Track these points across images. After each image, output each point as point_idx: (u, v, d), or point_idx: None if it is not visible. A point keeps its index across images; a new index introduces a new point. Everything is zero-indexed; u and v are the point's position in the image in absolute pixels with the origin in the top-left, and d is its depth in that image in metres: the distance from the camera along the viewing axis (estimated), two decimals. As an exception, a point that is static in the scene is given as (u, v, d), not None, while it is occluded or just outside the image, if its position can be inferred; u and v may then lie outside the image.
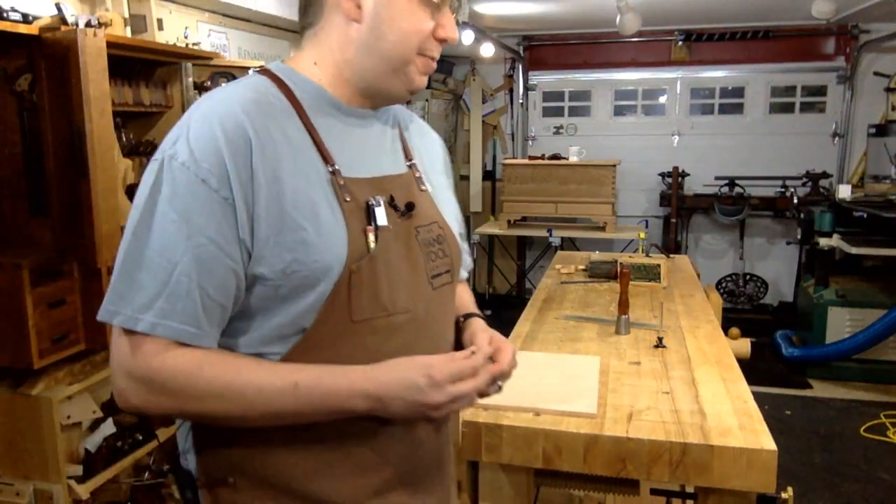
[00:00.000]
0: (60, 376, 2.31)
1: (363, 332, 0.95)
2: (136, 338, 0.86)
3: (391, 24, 0.95)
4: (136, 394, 0.88)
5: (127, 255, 0.86)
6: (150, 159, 0.90)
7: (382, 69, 0.98)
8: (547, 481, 1.58)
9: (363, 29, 0.95)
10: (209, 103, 0.92)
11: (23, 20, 2.03)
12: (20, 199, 2.24)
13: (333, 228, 0.92)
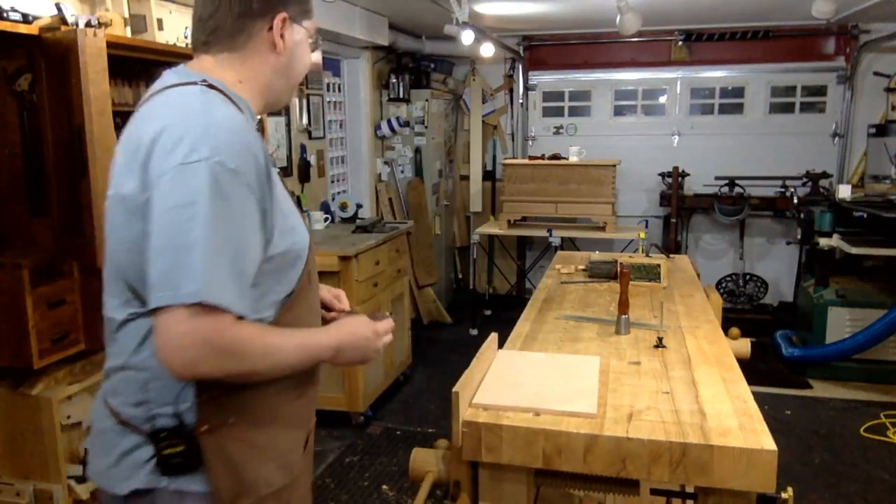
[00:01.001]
0: (60, 376, 2.31)
1: (312, 291, 1.32)
2: (215, 313, 1.02)
3: (300, 58, 1.28)
4: (207, 360, 1.04)
5: (196, 243, 1.02)
6: (183, 162, 1.04)
7: (288, 89, 1.30)
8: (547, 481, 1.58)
9: (282, 59, 1.25)
10: (221, 115, 1.12)
11: (23, 20, 2.03)
12: (20, 199, 2.24)
13: (298, 216, 1.25)
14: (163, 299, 1.01)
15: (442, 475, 1.58)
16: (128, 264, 1.13)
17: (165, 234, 1.03)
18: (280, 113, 4.05)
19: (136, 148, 1.11)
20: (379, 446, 3.61)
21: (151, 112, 1.15)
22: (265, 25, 1.21)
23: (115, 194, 1.17)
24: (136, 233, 1.09)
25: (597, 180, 5.21)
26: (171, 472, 1.13)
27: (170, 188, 1.04)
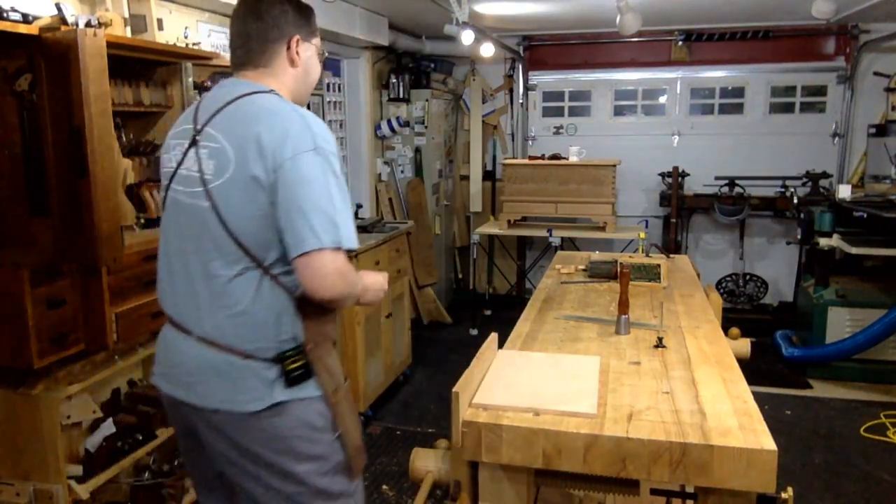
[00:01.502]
0: (60, 376, 2.31)
1: None
2: (341, 253, 1.43)
3: (313, 67, 1.69)
4: (340, 287, 1.44)
5: (329, 206, 1.42)
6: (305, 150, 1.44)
7: (306, 92, 1.70)
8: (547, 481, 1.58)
9: (299, 71, 1.64)
10: (311, 117, 1.50)
11: (23, 20, 2.03)
12: (20, 199, 2.24)
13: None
14: (313, 245, 1.39)
15: (442, 475, 1.58)
16: (246, 230, 1.45)
17: (302, 201, 1.40)
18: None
19: (258, 142, 1.43)
20: (379, 446, 3.61)
21: (257, 113, 1.49)
22: (283, 47, 1.60)
23: (235, 176, 1.45)
24: (260, 205, 1.43)
25: (597, 180, 5.20)
26: (293, 383, 1.50)
27: (297, 169, 1.41)
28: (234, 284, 1.47)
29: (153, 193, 2.75)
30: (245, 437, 1.50)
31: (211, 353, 1.50)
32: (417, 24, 5.29)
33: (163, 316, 1.61)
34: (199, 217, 1.49)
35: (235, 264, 1.47)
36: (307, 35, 1.66)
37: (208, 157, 1.48)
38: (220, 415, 1.50)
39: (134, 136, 2.74)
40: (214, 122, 1.51)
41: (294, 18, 1.62)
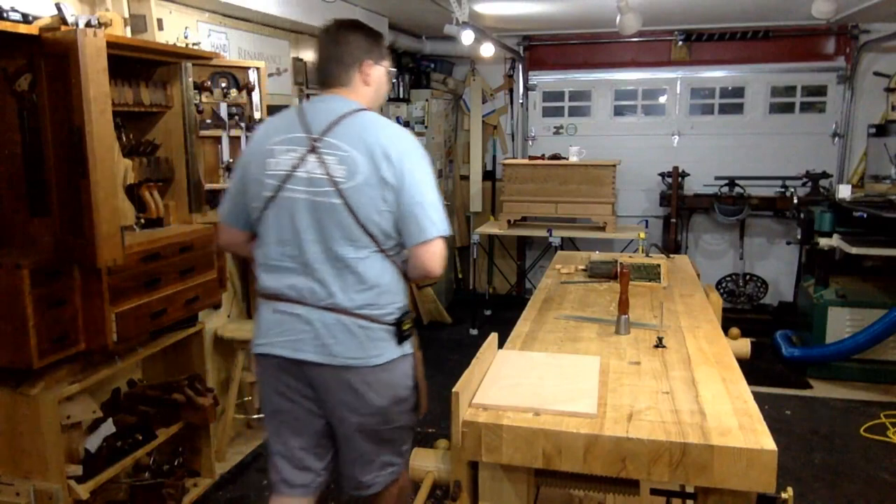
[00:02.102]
0: (60, 376, 2.31)
1: None
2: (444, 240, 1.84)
3: (382, 86, 1.99)
4: (443, 265, 1.85)
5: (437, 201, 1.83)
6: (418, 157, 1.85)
7: (376, 108, 1.96)
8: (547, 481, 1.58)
9: (371, 90, 1.95)
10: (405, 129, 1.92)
11: (23, 20, 2.03)
12: (20, 199, 2.24)
13: None
14: (433, 234, 1.80)
15: (442, 475, 1.58)
16: (373, 222, 1.80)
17: (421, 198, 1.79)
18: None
19: (386, 152, 1.78)
20: (379, 446, 3.61)
21: (368, 128, 1.82)
22: (356, 70, 1.91)
23: (368, 179, 1.78)
24: (388, 203, 1.79)
25: (597, 180, 5.20)
26: (403, 341, 1.89)
27: (414, 172, 1.80)
28: (364, 264, 1.82)
29: (153, 193, 2.75)
30: (364, 386, 1.85)
31: (344, 319, 1.82)
32: (417, 24, 5.29)
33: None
34: (326, 212, 1.80)
35: (363, 249, 1.81)
36: (377, 58, 1.95)
37: (338, 163, 1.79)
38: (349, 369, 1.84)
39: (134, 136, 2.74)
40: (335, 132, 1.81)
41: (365, 45, 1.94)
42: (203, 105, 2.93)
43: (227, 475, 3.31)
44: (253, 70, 3.08)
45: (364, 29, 1.97)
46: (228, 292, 3.51)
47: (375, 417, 1.89)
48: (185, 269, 2.68)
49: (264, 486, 3.24)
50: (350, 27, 1.97)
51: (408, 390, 1.94)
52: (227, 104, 3.01)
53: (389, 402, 1.89)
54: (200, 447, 3.07)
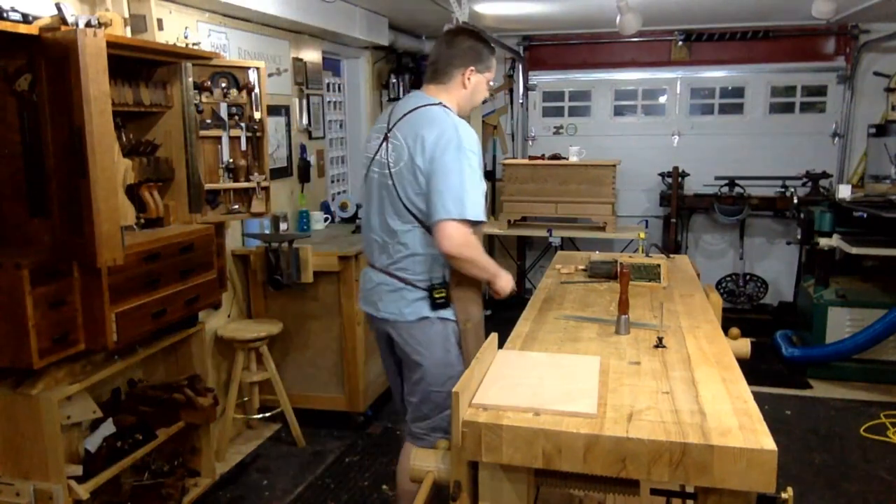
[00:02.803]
0: (60, 376, 2.31)
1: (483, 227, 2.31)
2: (463, 224, 2.07)
3: (478, 92, 2.29)
4: (463, 249, 2.10)
5: (460, 189, 2.06)
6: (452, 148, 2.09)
7: (468, 108, 2.31)
8: (547, 481, 1.58)
9: (467, 92, 2.26)
10: (462, 125, 2.14)
11: (23, 20, 2.03)
12: (20, 199, 2.24)
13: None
14: (443, 216, 2.05)
15: (442, 475, 1.58)
16: (412, 202, 2.14)
17: (447, 184, 2.05)
18: (280, 113, 4.05)
19: (423, 142, 2.10)
20: (379, 446, 3.61)
21: (425, 121, 2.14)
22: (460, 73, 2.23)
23: (407, 165, 2.13)
24: (421, 186, 2.11)
25: (597, 180, 5.20)
26: (437, 307, 2.21)
27: (443, 162, 2.07)
28: (407, 236, 2.19)
29: (153, 193, 2.75)
30: (404, 336, 2.24)
31: (388, 279, 2.24)
32: (417, 24, 5.29)
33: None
34: (386, 190, 2.20)
35: (407, 223, 2.18)
36: (481, 69, 2.26)
37: (392, 150, 2.18)
38: (388, 322, 2.26)
39: (134, 136, 2.74)
40: (399, 125, 2.18)
41: (474, 54, 2.24)
42: (203, 105, 2.93)
43: (227, 475, 3.31)
44: (253, 70, 3.08)
45: (479, 40, 2.27)
46: (228, 292, 3.51)
47: (418, 372, 2.24)
48: (185, 269, 2.68)
49: (264, 485, 3.24)
50: (468, 34, 2.29)
51: (448, 355, 2.23)
52: (227, 104, 3.01)
53: (429, 363, 2.22)
54: (200, 447, 3.07)
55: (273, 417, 3.73)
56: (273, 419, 3.76)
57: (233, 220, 3.31)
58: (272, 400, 3.64)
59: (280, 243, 3.50)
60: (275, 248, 3.49)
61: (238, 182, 3.07)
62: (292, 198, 4.27)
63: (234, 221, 3.52)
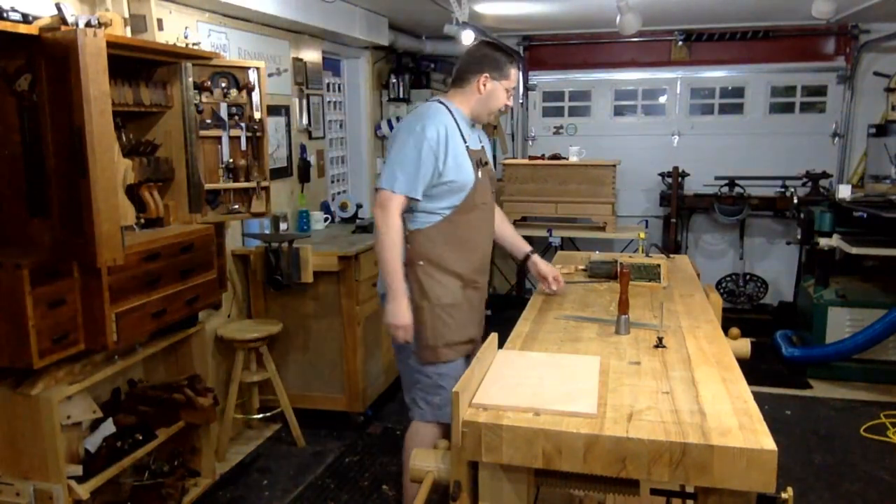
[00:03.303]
0: (60, 376, 2.31)
1: (476, 215, 2.44)
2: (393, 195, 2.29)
3: (494, 99, 2.42)
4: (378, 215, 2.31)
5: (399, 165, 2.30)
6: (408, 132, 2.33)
7: (483, 114, 2.48)
8: (547, 481, 1.58)
9: (482, 98, 2.42)
10: (431, 118, 2.33)
11: (23, 20, 2.03)
12: (20, 199, 2.24)
13: (468, 167, 2.37)
14: (378, 184, 2.32)
15: (442, 475, 1.58)
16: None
17: (389, 157, 2.33)
18: (280, 113, 4.05)
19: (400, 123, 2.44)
20: (379, 446, 3.61)
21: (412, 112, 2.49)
22: (477, 79, 2.39)
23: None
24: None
25: (597, 180, 5.20)
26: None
27: (395, 140, 2.34)
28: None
29: (153, 193, 2.75)
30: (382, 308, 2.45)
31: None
32: (417, 24, 5.29)
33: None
34: None
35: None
36: (497, 77, 2.38)
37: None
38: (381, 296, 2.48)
39: (134, 136, 2.74)
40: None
41: (490, 62, 2.39)
42: (203, 105, 2.93)
43: (227, 475, 3.31)
44: (253, 70, 3.08)
45: (498, 50, 2.44)
46: (228, 292, 3.51)
47: (395, 347, 2.50)
48: (185, 269, 2.68)
49: (264, 485, 3.24)
50: (487, 45, 2.51)
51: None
52: (227, 104, 3.01)
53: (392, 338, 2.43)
54: (200, 447, 3.07)
55: (273, 417, 3.73)
56: (273, 419, 3.76)
57: (233, 220, 3.31)
58: (272, 400, 3.64)
59: (280, 243, 3.50)
60: (275, 248, 3.49)
61: (238, 182, 3.06)
62: (292, 198, 4.27)
63: (234, 221, 3.51)
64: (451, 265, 2.40)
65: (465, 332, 2.46)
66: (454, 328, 2.42)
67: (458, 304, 2.42)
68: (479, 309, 2.55)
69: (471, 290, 2.48)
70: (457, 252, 2.40)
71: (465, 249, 2.43)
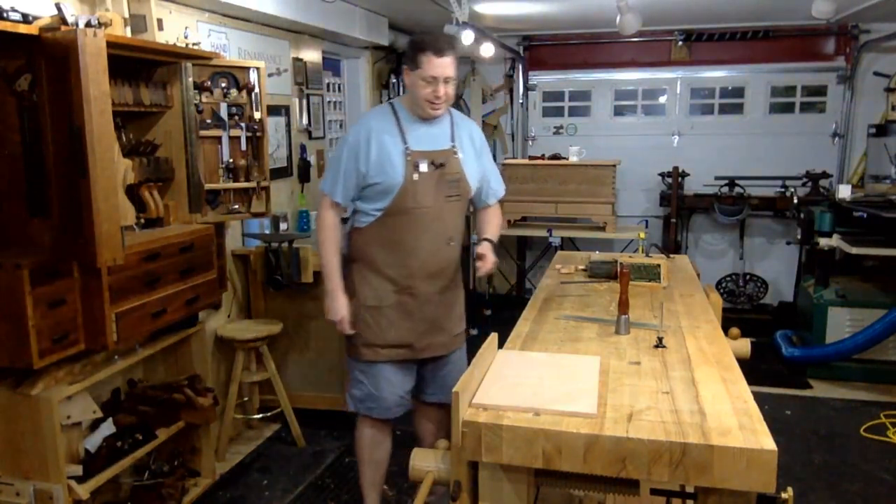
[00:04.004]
0: (60, 376, 2.31)
1: (410, 217, 2.36)
2: (325, 197, 2.42)
3: (416, 92, 2.34)
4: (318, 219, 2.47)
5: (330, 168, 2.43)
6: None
7: (417, 107, 2.39)
8: (547, 481, 1.58)
9: (410, 91, 2.39)
10: (360, 121, 2.50)
11: (23, 20, 2.03)
12: (20, 199, 2.24)
13: (395, 169, 2.33)
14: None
15: (442, 475, 1.58)
16: None
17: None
18: (280, 113, 4.05)
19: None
20: (379, 446, 3.61)
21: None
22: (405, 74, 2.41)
23: None
24: None
25: (597, 180, 5.20)
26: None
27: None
28: None
29: (153, 193, 2.75)
30: None
31: None
32: (417, 24, 5.28)
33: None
34: None
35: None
36: (411, 67, 2.33)
37: None
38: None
39: (134, 136, 2.74)
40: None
41: (407, 56, 2.37)
42: (203, 105, 2.93)
43: (227, 475, 3.31)
44: (253, 70, 3.08)
45: (413, 42, 2.36)
46: (228, 292, 3.51)
47: None
48: (185, 269, 2.68)
49: (264, 485, 3.24)
50: (411, 40, 2.43)
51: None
52: (227, 104, 3.01)
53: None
54: (200, 447, 3.07)
55: (273, 417, 3.73)
56: (273, 419, 3.76)
57: (233, 220, 3.31)
58: (272, 400, 3.63)
59: (280, 243, 3.50)
60: (275, 248, 3.49)
61: (238, 182, 3.07)
62: (292, 198, 4.27)
63: (234, 221, 3.51)
64: (383, 267, 2.40)
65: (388, 336, 2.44)
66: (375, 331, 2.44)
67: (384, 308, 2.42)
68: (420, 317, 2.46)
69: (406, 297, 2.42)
70: (390, 255, 2.39)
71: (399, 253, 2.38)
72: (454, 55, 2.33)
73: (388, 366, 2.49)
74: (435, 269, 2.43)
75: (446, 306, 2.51)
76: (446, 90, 2.32)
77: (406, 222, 2.36)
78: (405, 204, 2.34)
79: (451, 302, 2.54)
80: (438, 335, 2.50)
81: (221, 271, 3.04)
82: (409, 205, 2.35)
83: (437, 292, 2.45)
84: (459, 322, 2.60)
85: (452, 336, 2.56)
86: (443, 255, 2.44)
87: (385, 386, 2.51)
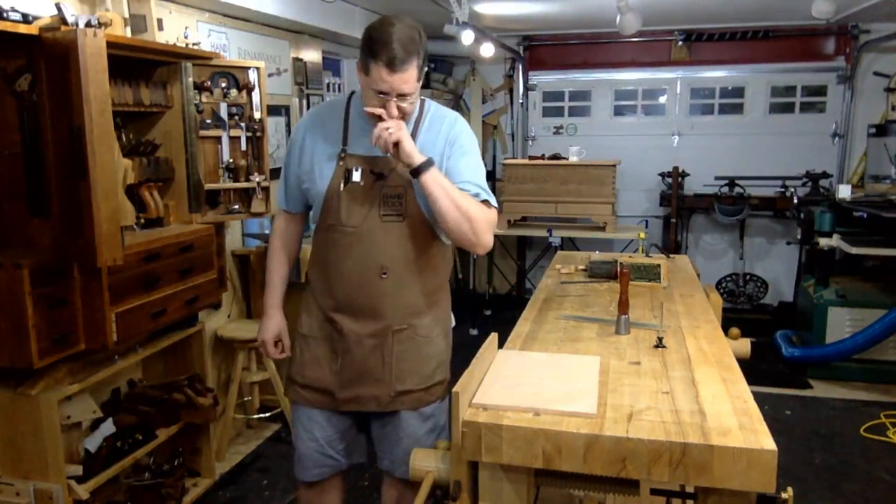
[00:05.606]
0: (60, 376, 2.31)
1: (338, 232, 1.91)
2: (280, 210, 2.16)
3: (363, 84, 1.83)
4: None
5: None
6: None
7: (365, 99, 1.86)
8: (547, 481, 1.58)
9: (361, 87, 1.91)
10: (320, 104, 2.49)
11: (23, 20, 2.03)
12: (20, 199, 2.24)
13: (321, 175, 1.92)
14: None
15: (442, 475, 1.58)
16: None
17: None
18: (280, 113, 4.05)
19: None
20: (379, 446, 3.61)
21: None
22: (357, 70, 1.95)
23: None
24: None
25: (597, 180, 5.20)
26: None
27: None
28: None
29: (153, 193, 2.75)
30: None
31: None
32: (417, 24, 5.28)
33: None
34: None
35: None
36: (361, 67, 1.83)
37: None
38: None
39: (134, 136, 2.74)
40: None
41: (361, 47, 1.86)
42: (203, 105, 2.93)
43: (227, 475, 3.31)
44: (253, 70, 3.08)
45: (368, 37, 1.80)
46: (228, 292, 3.51)
47: None
48: (185, 269, 2.68)
49: (264, 485, 3.24)
50: (370, 27, 1.91)
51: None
52: (227, 104, 3.01)
53: None
54: (200, 447, 3.07)
55: (273, 417, 3.73)
56: (273, 419, 3.76)
57: (233, 220, 3.31)
58: (272, 400, 3.63)
59: (280, 243, 3.49)
60: (275, 248, 3.48)
61: (238, 182, 3.06)
62: (292, 198, 4.26)
63: (234, 221, 3.51)
64: (314, 289, 2.01)
65: (307, 374, 1.99)
66: (298, 364, 2.01)
67: (311, 339, 1.99)
68: (346, 361, 1.94)
69: (335, 332, 1.94)
70: (319, 279, 1.98)
71: (328, 276, 1.94)
72: (416, 64, 1.76)
73: (309, 410, 2.01)
74: (363, 305, 1.90)
75: (386, 356, 1.92)
76: (401, 107, 1.79)
77: (330, 242, 1.91)
78: (326, 220, 1.90)
79: (394, 353, 1.92)
80: (371, 387, 1.93)
81: (221, 271, 3.04)
82: (329, 221, 1.89)
83: (369, 336, 1.91)
84: (413, 377, 1.95)
85: (397, 392, 1.93)
86: (373, 290, 1.88)
87: (302, 434, 2.03)
